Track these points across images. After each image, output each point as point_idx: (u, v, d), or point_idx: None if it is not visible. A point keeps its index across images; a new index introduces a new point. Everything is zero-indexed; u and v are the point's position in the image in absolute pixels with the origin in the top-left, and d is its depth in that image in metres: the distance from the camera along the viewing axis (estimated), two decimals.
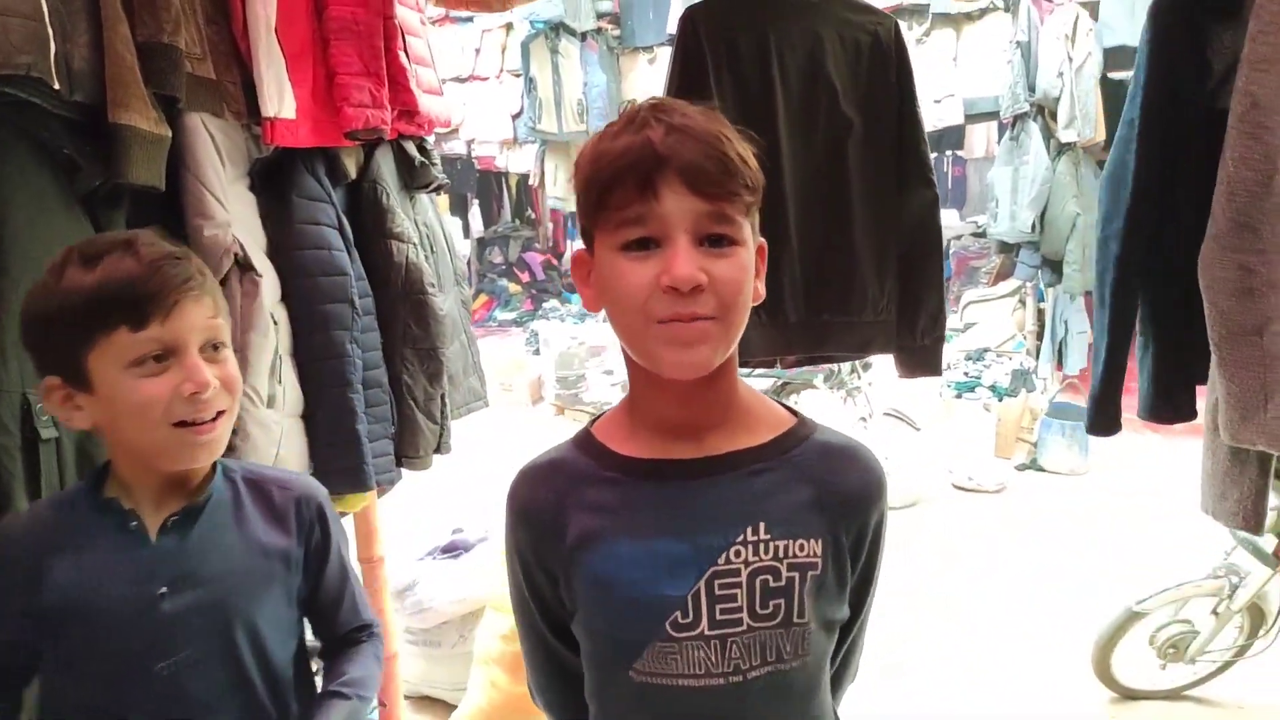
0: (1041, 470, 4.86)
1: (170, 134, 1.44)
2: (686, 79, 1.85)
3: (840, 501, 0.89)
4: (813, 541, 0.87)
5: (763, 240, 0.87)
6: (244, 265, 1.57)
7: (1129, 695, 2.79)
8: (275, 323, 1.65)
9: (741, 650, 0.85)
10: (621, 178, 0.79)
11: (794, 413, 0.94)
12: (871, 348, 2.02)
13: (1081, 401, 4.98)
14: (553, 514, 0.89)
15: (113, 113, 1.34)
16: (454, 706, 2.65)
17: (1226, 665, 2.72)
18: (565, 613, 0.92)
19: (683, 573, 0.84)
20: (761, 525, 0.85)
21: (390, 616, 2.36)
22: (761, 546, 0.85)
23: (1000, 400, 5.15)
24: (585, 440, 0.93)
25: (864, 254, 1.89)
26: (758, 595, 0.85)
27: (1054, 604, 3.37)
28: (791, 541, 0.86)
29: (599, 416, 0.96)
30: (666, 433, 0.88)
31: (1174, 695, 2.79)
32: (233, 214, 1.58)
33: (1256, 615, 2.62)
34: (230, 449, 1.55)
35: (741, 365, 2.66)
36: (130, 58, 1.37)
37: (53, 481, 1.25)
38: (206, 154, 1.55)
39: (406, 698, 2.70)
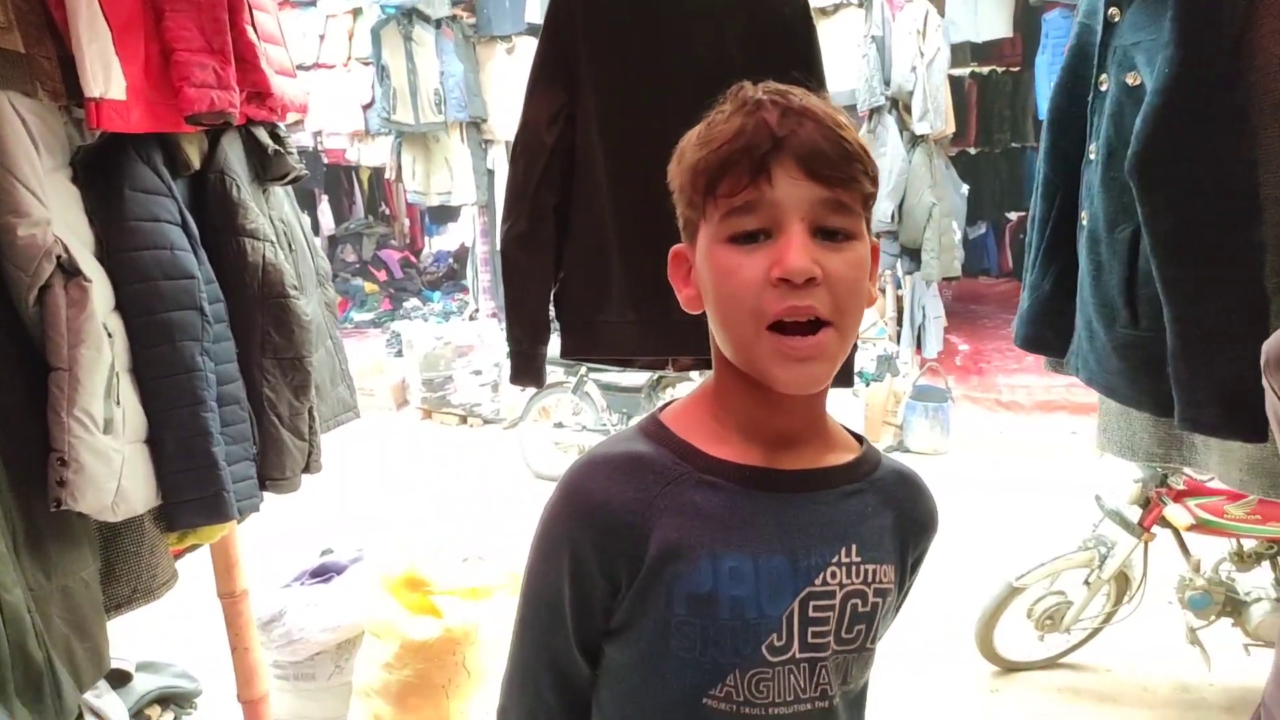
0: (908, 451, 5.02)
1: None
2: (552, 59, 1.71)
3: (914, 529, 0.89)
4: (889, 567, 0.85)
5: (876, 240, 0.83)
6: (68, 270, 1.35)
7: (1010, 667, 2.88)
8: (110, 335, 1.43)
9: (828, 675, 0.82)
10: (734, 161, 0.74)
11: (854, 433, 0.91)
12: None
13: (940, 383, 5.18)
14: (639, 514, 0.79)
15: None
16: None
17: (1096, 631, 2.85)
18: (603, 627, 0.84)
19: (780, 591, 0.80)
20: (854, 547, 0.82)
21: (258, 653, 2.14)
22: (854, 569, 0.82)
23: (867, 385, 5.28)
24: (663, 435, 0.84)
25: None
26: (846, 618, 0.82)
27: (930, 581, 3.44)
28: (878, 566, 0.84)
29: (664, 407, 0.88)
30: (764, 442, 0.82)
31: (1050, 664, 2.91)
32: (52, 210, 1.35)
33: (1122, 583, 2.76)
34: (60, 483, 1.35)
35: (625, 365, 2.56)
36: None
37: None
38: (17, 140, 1.32)
39: None
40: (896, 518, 0.86)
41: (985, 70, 7.78)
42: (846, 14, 5.60)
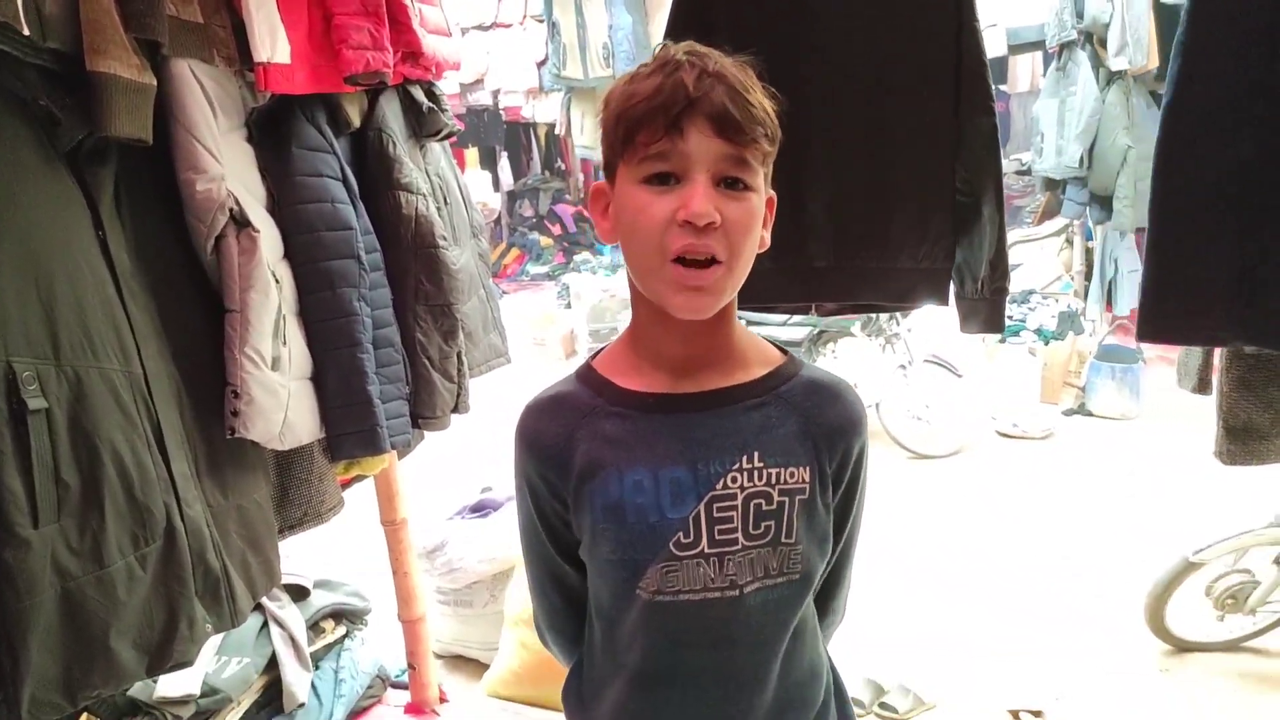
0: (1090, 415, 4.70)
1: (155, 82, 1.35)
2: (688, 15, 1.69)
3: (824, 433, 0.96)
4: (800, 469, 0.94)
5: (773, 193, 0.93)
6: (240, 221, 1.49)
7: (1183, 647, 2.68)
8: (277, 281, 1.57)
9: (737, 567, 0.92)
10: (652, 115, 0.83)
11: (783, 351, 1.01)
12: (915, 297, 1.77)
13: (1132, 344, 4.79)
14: (562, 445, 0.95)
15: (90, 60, 1.26)
16: (486, 666, 2.63)
17: None
18: (573, 539, 0.99)
19: (684, 498, 0.91)
20: (755, 454, 0.92)
21: (417, 577, 2.32)
22: (755, 473, 0.92)
23: (1046, 344, 4.97)
24: (588, 374, 0.99)
25: (906, 192, 1.68)
26: (751, 517, 0.92)
27: (1105, 553, 3.26)
28: (782, 469, 0.93)
29: (598, 351, 1.02)
30: (669, 368, 0.94)
31: (1231, 647, 2.68)
32: (227, 167, 1.50)
33: None
34: (234, 414, 1.51)
35: (768, 311, 2.50)
36: (106, 0, 1.28)
37: (45, 457, 1.19)
38: (196, 103, 1.47)
39: (438, 656, 2.68)
40: (803, 424, 0.95)
41: None
42: None
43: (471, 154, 9.39)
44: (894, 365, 4.44)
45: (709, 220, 0.82)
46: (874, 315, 4.40)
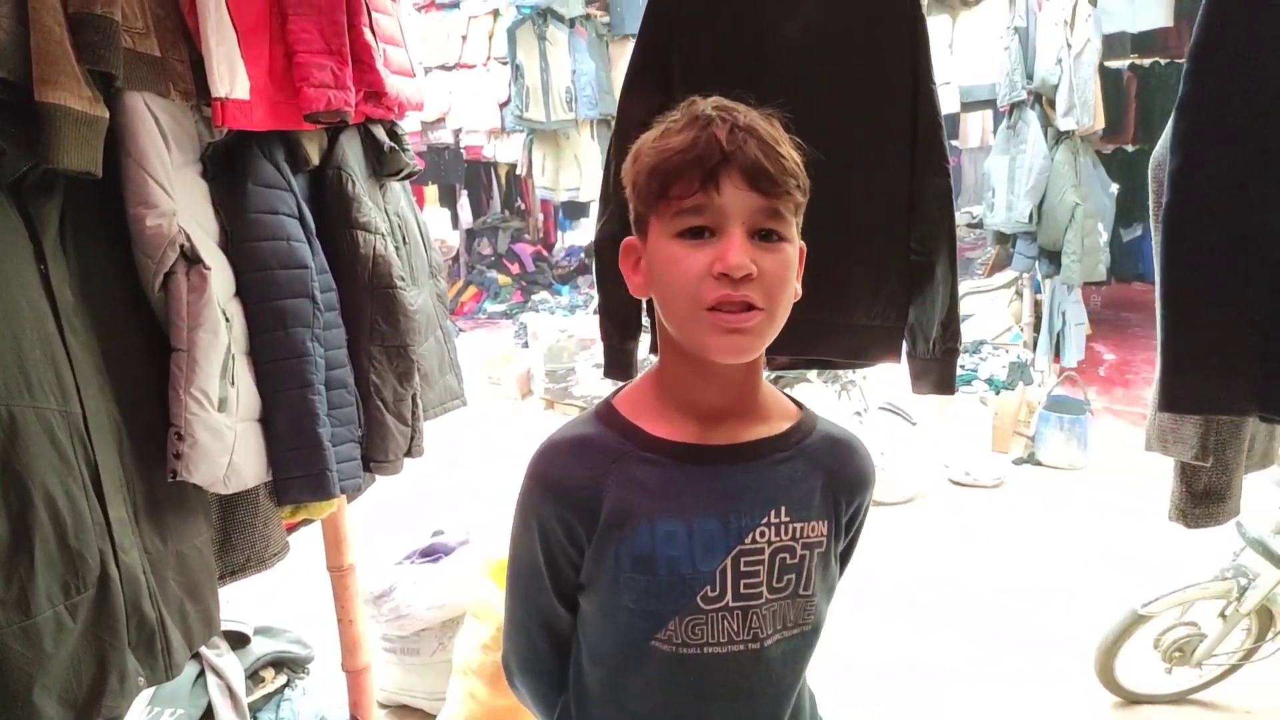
0: (1039, 464, 4.76)
1: (107, 115, 1.32)
2: (647, 62, 1.69)
3: (844, 488, 0.99)
4: (820, 523, 0.97)
5: (803, 243, 0.94)
6: (190, 258, 1.45)
7: (1132, 699, 2.70)
8: (228, 319, 1.53)
9: (760, 620, 0.94)
10: (687, 170, 0.85)
11: (796, 402, 1.03)
12: (869, 354, 1.77)
13: (1079, 395, 4.89)
14: (590, 490, 0.93)
15: (39, 91, 1.22)
16: (432, 716, 2.55)
17: (1233, 669, 2.63)
18: (575, 582, 0.98)
19: (714, 550, 0.92)
20: (783, 509, 0.94)
21: (363, 625, 2.25)
22: (783, 528, 0.94)
23: (997, 394, 5.05)
24: (610, 417, 0.97)
25: (861, 249, 1.68)
26: (775, 571, 0.94)
27: (1054, 603, 3.28)
28: (805, 524, 0.95)
29: (617, 392, 1.01)
30: (699, 418, 0.95)
31: (1179, 699, 2.70)
32: (179, 202, 1.46)
33: (1265, 618, 2.54)
34: (176, 456, 1.46)
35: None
36: (59, 30, 1.25)
37: None
38: (149, 137, 1.43)
39: (383, 706, 2.60)
40: (826, 478, 0.98)
41: (1146, 62, 7.27)
42: (989, 5, 5.35)
43: (431, 191, 9.38)
44: (849, 412, 4.47)
45: (745, 272, 0.84)
46: (799, 369, 4.44)
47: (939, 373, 1.72)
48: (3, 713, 1.17)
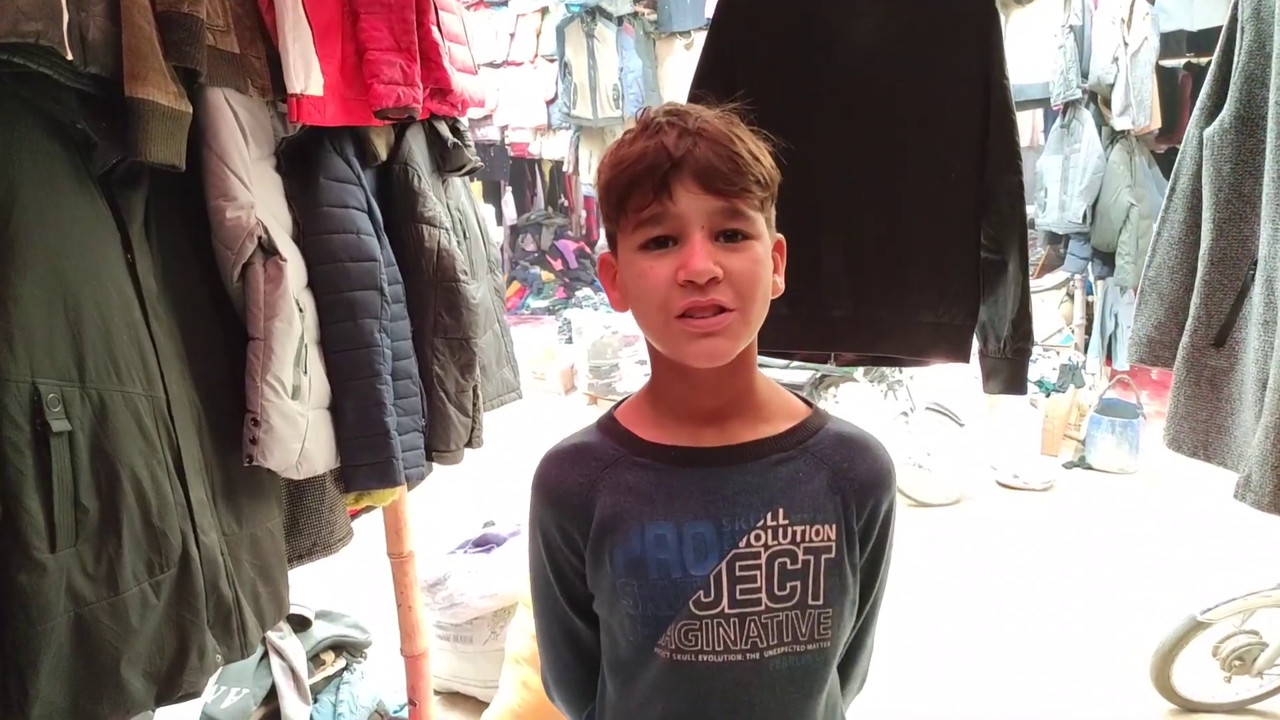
0: (1090, 469, 4.69)
1: (191, 110, 1.36)
2: (711, 65, 1.71)
3: (854, 488, 0.94)
4: (827, 527, 0.92)
5: (780, 236, 0.92)
6: (268, 249, 1.49)
7: (1189, 707, 2.66)
8: (301, 310, 1.57)
9: (759, 629, 0.90)
10: (640, 180, 0.84)
11: (808, 403, 0.99)
12: (935, 352, 1.75)
13: (1131, 398, 4.81)
14: (583, 495, 0.93)
15: (129, 86, 1.27)
16: (485, 704, 2.59)
17: None
18: (586, 593, 0.97)
19: (707, 554, 0.90)
20: (781, 511, 0.91)
21: (420, 612, 2.29)
22: (780, 531, 0.90)
23: (1048, 396, 4.98)
24: (610, 425, 0.97)
25: (925, 247, 1.67)
26: (776, 578, 0.90)
27: (1105, 608, 3.23)
28: (808, 527, 0.91)
29: (620, 403, 1.01)
30: (692, 421, 0.93)
31: (1238, 709, 2.65)
32: (256, 195, 1.50)
33: None
34: (253, 441, 1.50)
35: (787, 358, 2.49)
36: (149, 28, 1.30)
37: (65, 480, 1.18)
38: (229, 132, 1.47)
39: (437, 693, 2.64)
40: (832, 478, 0.93)
41: (1203, 61, 7.11)
42: (1042, 3, 5.27)
43: (476, 187, 9.44)
44: (896, 412, 4.44)
45: (710, 275, 0.82)
46: (866, 365, 4.42)
47: (1009, 372, 1.71)
48: (93, 686, 1.22)
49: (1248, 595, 2.51)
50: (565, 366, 6.68)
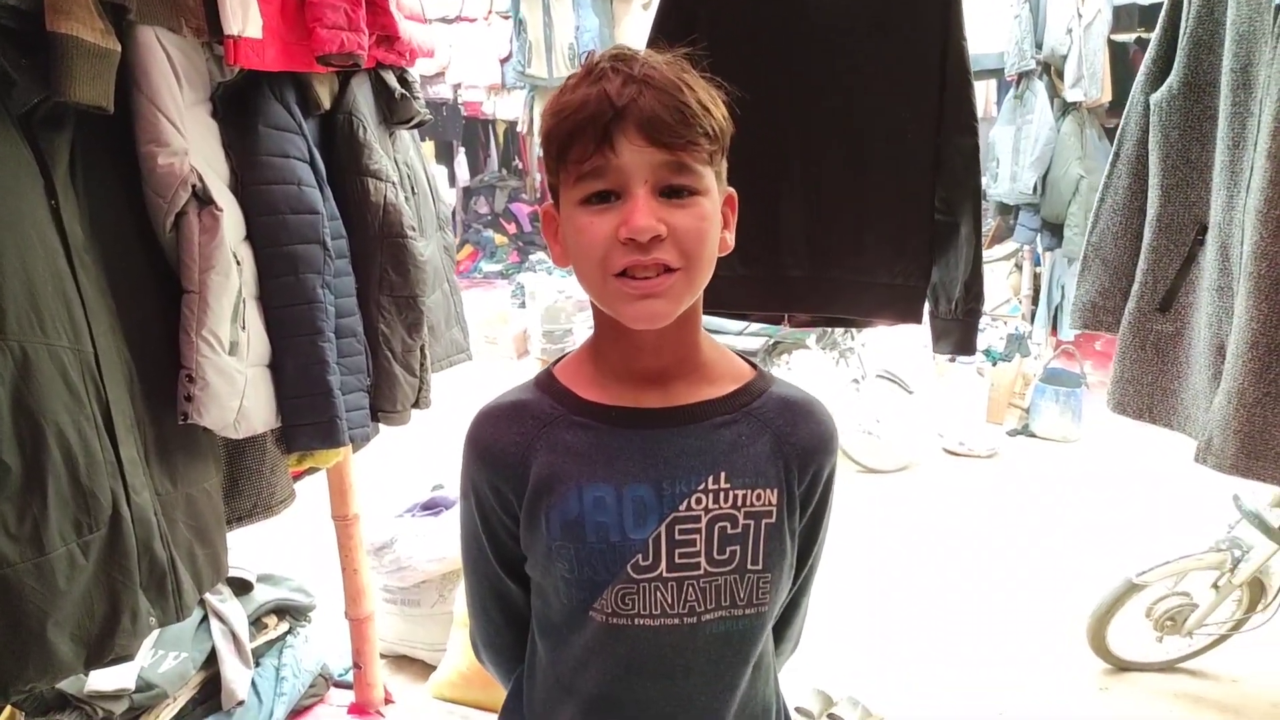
0: (1033, 436, 4.79)
1: (119, 48, 1.29)
2: (668, 16, 1.67)
3: (796, 453, 0.92)
4: (768, 491, 0.90)
5: (731, 190, 0.88)
6: (202, 198, 1.43)
7: (1122, 666, 2.74)
8: (238, 263, 1.52)
9: (697, 593, 0.88)
10: (580, 131, 0.79)
11: (753, 365, 0.96)
12: (889, 313, 1.76)
13: (1075, 368, 4.91)
14: (518, 455, 0.90)
15: (51, 20, 1.20)
16: (432, 667, 2.57)
17: (1223, 639, 2.67)
18: (519, 555, 0.94)
19: (646, 518, 0.87)
20: (722, 475, 0.88)
21: (366, 575, 2.26)
22: (720, 495, 0.88)
23: (994, 364, 5.05)
24: (548, 383, 0.94)
25: (883, 207, 1.67)
26: (716, 542, 0.88)
27: (1045, 572, 3.31)
28: (749, 491, 0.89)
29: (559, 360, 0.96)
30: (633, 381, 0.90)
31: (1168, 667, 2.74)
32: (191, 142, 1.44)
33: (1256, 590, 2.56)
34: (187, 399, 1.45)
35: (740, 319, 2.46)
36: None
37: None
38: (161, 73, 1.41)
39: (383, 656, 2.61)
40: (774, 443, 0.91)
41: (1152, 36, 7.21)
42: None
43: (428, 147, 9.27)
44: (847, 379, 4.47)
45: (653, 233, 0.77)
46: (829, 329, 4.44)
47: (960, 333, 1.72)
48: (18, 648, 1.17)
49: (1181, 558, 2.58)
50: (518, 331, 6.62)
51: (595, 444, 0.89)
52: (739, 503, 0.88)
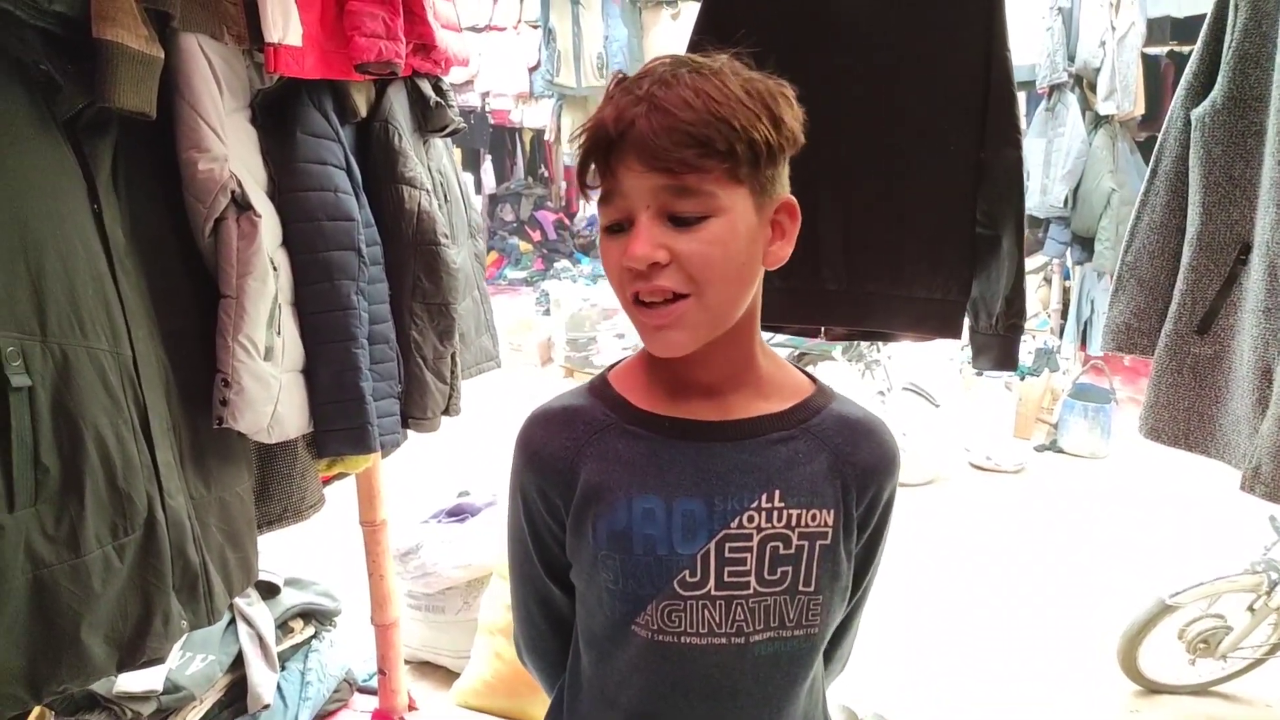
0: (1061, 452, 4.73)
1: (163, 55, 1.30)
2: (704, 32, 1.67)
3: (855, 473, 0.89)
4: (824, 512, 0.87)
5: (789, 197, 0.83)
6: (241, 204, 1.44)
7: (1153, 689, 2.69)
8: (275, 269, 1.52)
9: (746, 613, 0.86)
10: (587, 158, 0.79)
11: (813, 379, 0.94)
12: (927, 328, 1.72)
13: (1105, 384, 4.85)
14: (568, 461, 0.88)
15: (97, 27, 1.21)
16: (456, 674, 2.57)
17: (1258, 662, 2.61)
18: (565, 561, 0.92)
19: (696, 533, 0.85)
20: (777, 493, 0.86)
21: (393, 581, 2.26)
22: (775, 514, 0.86)
23: (1022, 379, 5.01)
24: (602, 389, 0.92)
25: (921, 220, 1.64)
26: (766, 561, 0.85)
27: (1074, 590, 3.27)
28: (804, 511, 0.86)
29: (615, 365, 0.95)
30: (687, 392, 0.88)
31: (1201, 690, 2.69)
32: (230, 148, 1.45)
33: None
34: (223, 403, 1.45)
35: (775, 331, 2.47)
36: None
37: (25, 438, 1.13)
38: (203, 80, 1.41)
39: (407, 662, 2.61)
40: (832, 462, 0.88)
41: (1185, 50, 7.13)
42: None
43: (455, 154, 9.33)
44: (873, 391, 4.44)
45: (650, 261, 0.75)
46: (854, 341, 4.41)
47: (1001, 349, 1.69)
48: (53, 650, 1.18)
49: (1215, 580, 2.54)
50: (542, 338, 6.64)
51: (647, 454, 0.87)
52: (793, 522, 0.86)
